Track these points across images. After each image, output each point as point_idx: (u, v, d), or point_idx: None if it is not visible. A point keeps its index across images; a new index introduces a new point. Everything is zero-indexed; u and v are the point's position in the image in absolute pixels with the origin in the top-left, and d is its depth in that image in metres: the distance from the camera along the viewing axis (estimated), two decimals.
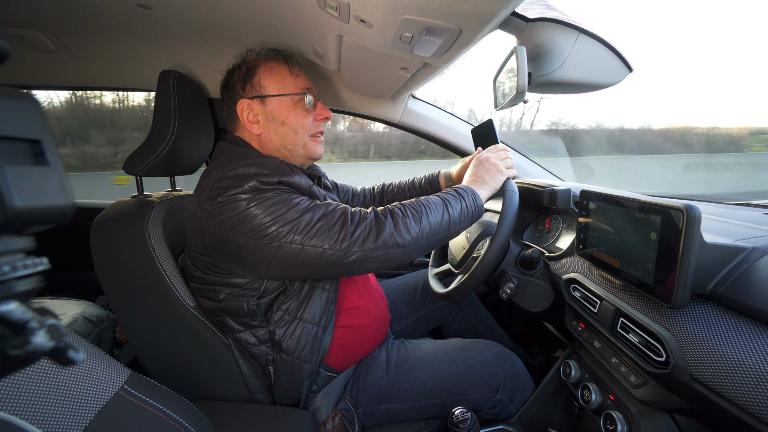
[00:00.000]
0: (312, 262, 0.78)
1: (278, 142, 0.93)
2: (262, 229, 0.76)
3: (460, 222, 0.88)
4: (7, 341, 0.23)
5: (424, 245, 0.84)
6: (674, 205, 0.57)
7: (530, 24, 0.76)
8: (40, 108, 0.26)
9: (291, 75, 0.94)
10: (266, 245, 0.76)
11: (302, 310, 0.89)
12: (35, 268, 0.25)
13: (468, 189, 0.92)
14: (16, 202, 0.23)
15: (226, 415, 0.83)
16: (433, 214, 0.84)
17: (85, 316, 1.33)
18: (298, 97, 0.93)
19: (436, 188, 1.28)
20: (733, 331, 0.53)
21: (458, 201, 0.88)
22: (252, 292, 0.86)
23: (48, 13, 0.96)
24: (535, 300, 0.96)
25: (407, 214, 0.82)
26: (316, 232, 0.76)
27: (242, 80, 0.92)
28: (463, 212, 0.88)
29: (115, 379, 0.60)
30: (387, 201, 1.35)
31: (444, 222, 0.85)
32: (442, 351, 1.02)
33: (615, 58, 0.78)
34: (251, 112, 0.91)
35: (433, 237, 0.84)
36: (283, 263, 0.79)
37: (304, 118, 0.94)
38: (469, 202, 0.89)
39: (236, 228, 0.77)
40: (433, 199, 0.88)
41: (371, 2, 0.66)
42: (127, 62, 1.28)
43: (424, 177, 1.32)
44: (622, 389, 0.79)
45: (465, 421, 0.84)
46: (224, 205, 0.77)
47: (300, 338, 0.88)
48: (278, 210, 0.76)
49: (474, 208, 0.90)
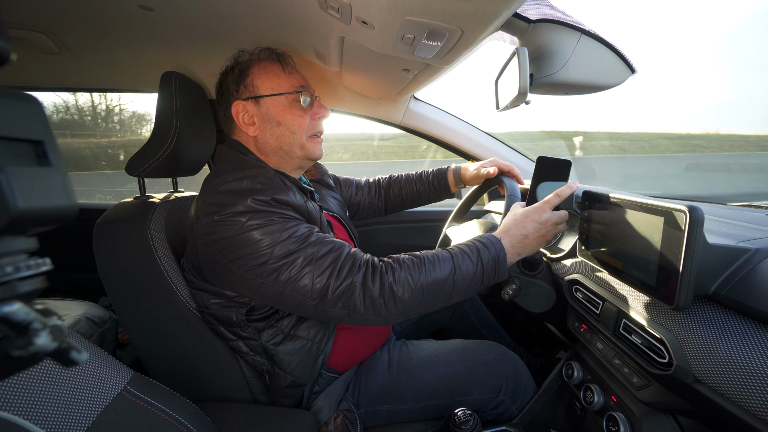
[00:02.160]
0: (292, 307, 0.77)
1: (275, 144, 0.91)
2: (249, 260, 0.74)
3: (467, 292, 0.79)
4: (10, 342, 0.23)
5: (411, 314, 0.77)
6: (677, 206, 0.56)
7: (532, 25, 0.76)
8: (42, 109, 0.26)
9: (285, 73, 0.91)
10: (250, 279, 0.75)
11: (297, 327, 0.88)
12: (38, 269, 0.25)
13: (494, 247, 0.79)
14: (18, 203, 0.23)
15: (228, 415, 0.83)
16: (435, 275, 0.76)
17: (87, 316, 1.33)
18: (293, 96, 0.90)
19: (443, 184, 1.26)
20: (736, 332, 0.52)
21: (471, 267, 0.77)
22: (240, 307, 0.85)
23: (50, 14, 0.96)
24: (537, 301, 0.96)
25: (398, 281, 0.74)
26: (298, 280, 0.73)
27: (236, 81, 0.90)
28: (475, 281, 0.78)
29: (118, 380, 0.60)
30: (393, 194, 1.34)
31: (446, 288, 0.77)
32: (444, 352, 1.02)
33: (617, 59, 0.77)
34: (246, 113, 0.89)
35: (426, 307, 0.77)
36: (265, 298, 0.78)
37: (301, 118, 0.91)
38: (488, 268, 0.78)
39: (225, 252, 0.76)
40: (441, 255, 0.78)
41: (373, 3, 0.66)
42: (129, 64, 1.29)
43: (432, 171, 1.30)
44: (624, 390, 0.79)
45: (467, 422, 0.84)
46: (218, 225, 0.75)
47: (293, 355, 0.87)
48: (269, 243, 0.73)
49: (492, 276, 0.79)
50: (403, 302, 0.74)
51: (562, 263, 0.96)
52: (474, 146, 1.59)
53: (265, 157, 0.92)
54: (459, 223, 1.32)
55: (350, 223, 1.13)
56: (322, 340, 0.90)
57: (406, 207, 1.37)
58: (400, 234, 1.82)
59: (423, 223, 1.82)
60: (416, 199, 1.33)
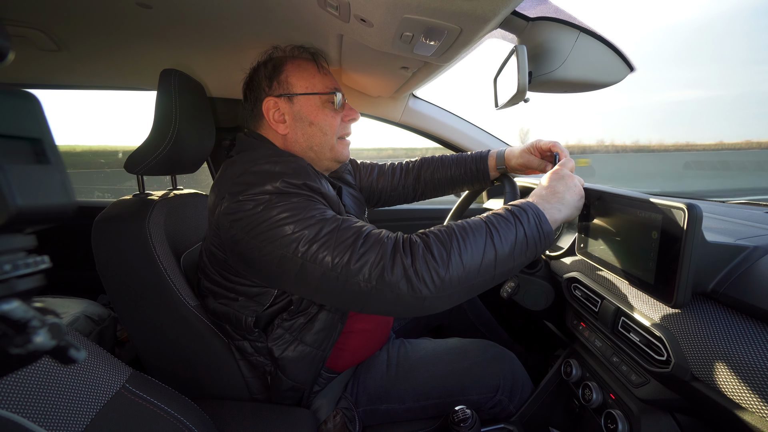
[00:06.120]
0: (313, 282, 0.68)
1: (305, 144, 0.88)
2: (271, 236, 0.69)
3: (514, 259, 0.66)
4: (8, 340, 0.23)
5: (455, 293, 0.64)
6: (676, 204, 0.56)
7: (531, 23, 0.76)
8: (40, 107, 0.26)
9: (320, 73, 0.89)
10: (271, 252, 0.69)
11: (304, 332, 0.86)
12: (37, 267, 0.25)
13: (531, 208, 0.69)
14: (17, 201, 0.23)
15: (227, 413, 0.83)
16: (470, 247, 0.64)
17: (86, 314, 1.33)
18: (327, 97, 0.88)
19: (483, 169, 1.12)
20: (735, 330, 0.53)
21: (511, 228, 0.66)
22: (257, 306, 0.83)
23: (49, 12, 0.96)
24: (535, 299, 0.96)
25: (433, 252, 0.63)
26: (319, 251, 0.66)
27: (269, 77, 0.88)
28: (519, 244, 0.66)
29: (117, 378, 0.60)
30: (423, 180, 1.20)
31: (487, 259, 0.64)
32: (442, 351, 1.02)
33: (616, 56, 0.78)
34: (277, 110, 0.86)
35: (469, 281, 0.64)
36: (287, 275, 0.70)
37: (333, 119, 0.89)
38: (530, 229, 0.67)
39: (248, 228, 0.71)
40: (473, 223, 0.68)
41: (372, 1, 0.66)
42: (128, 61, 1.28)
43: (471, 154, 1.15)
44: (623, 388, 0.79)
45: (466, 420, 0.84)
46: (243, 203, 0.72)
47: (298, 362, 0.86)
48: (293, 218, 0.68)
49: (538, 237, 0.67)
50: (441, 278, 0.62)
51: (560, 261, 0.96)
52: (474, 144, 1.59)
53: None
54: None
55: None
56: (327, 347, 0.89)
57: (438, 193, 1.23)
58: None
59: (422, 222, 1.83)
60: (449, 185, 1.19)
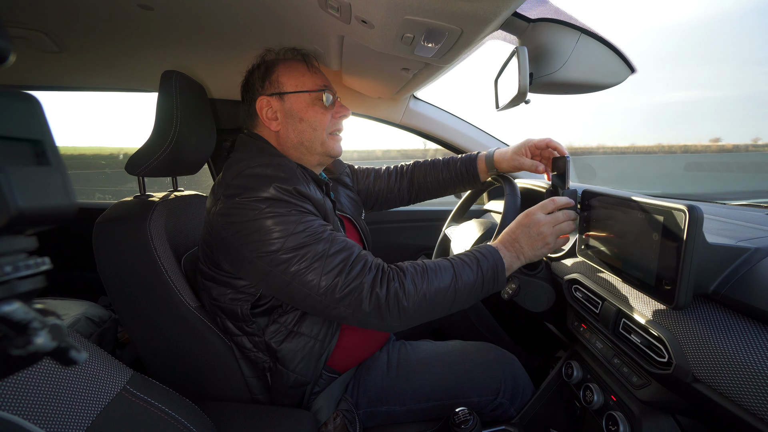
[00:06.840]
0: (297, 300, 0.77)
1: (296, 139, 0.92)
2: (260, 246, 0.74)
3: (466, 300, 0.79)
4: (9, 341, 0.23)
5: (414, 322, 0.78)
6: (677, 205, 0.56)
7: (532, 24, 0.76)
8: (41, 108, 0.26)
9: (309, 72, 0.93)
10: (260, 267, 0.75)
11: (300, 324, 0.88)
12: (37, 269, 0.25)
13: (492, 256, 0.80)
14: (18, 202, 0.23)
15: (227, 415, 0.83)
16: (436, 288, 0.76)
17: (87, 316, 1.34)
18: (316, 94, 0.92)
19: (472, 171, 1.16)
20: (736, 331, 0.53)
21: (471, 274, 0.78)
22: (247, 297, 0.86)
23: (50, 14, 0.96)
24: (536, 300, 0.96)
25: (404, 288, 0.75)
26: (306, 273, 0.73)
27: (261, 78, 0.93)
28: (475, 288, 0.78)
29: (117, 380, 0.60)
30: (417, 182, 1.25)
31: (447, 297, 0.77)
32: (443, 353, 1.02)
33: (617, 58, 0.77)
34: (270, 108, 0.91)
35: (428, 316, 0.78)
36: (272, 288, 0.79)
37: (323, 116, 0.93)
38: (487, 277, 0.78)
39: (239, 235, 0.76)
40: (442, 265, 0.79)
41: (373, 3, 0.66)
42: (129, 63, 1.29)
43: (460, 157, 1.20)
44: (624, 390, 0.79)
45: (467, 422, 0.84)
46: (238, 207, 0.76)
47: (296, 353, 0.87)
48: (282, 233, 0.74)
49: (492, 285, 0.79)
50: (406, 310, 0.75)
51: (561, 263, 0.96)
52: (475, 146, 1.59)
53: (285, 151, 0.94)
54: (458, 223, 1.32)
55: (363, 225, 1.12)
56: (326, 338, 0.90)
57: (432, 196, 1.28)
58: (400, 234, 1.82)
59: (423, 223, 1.83)
60: (441, 187, 1.24)
